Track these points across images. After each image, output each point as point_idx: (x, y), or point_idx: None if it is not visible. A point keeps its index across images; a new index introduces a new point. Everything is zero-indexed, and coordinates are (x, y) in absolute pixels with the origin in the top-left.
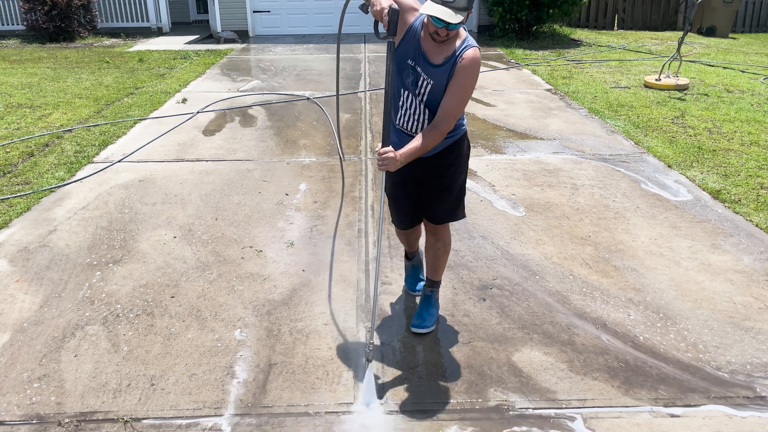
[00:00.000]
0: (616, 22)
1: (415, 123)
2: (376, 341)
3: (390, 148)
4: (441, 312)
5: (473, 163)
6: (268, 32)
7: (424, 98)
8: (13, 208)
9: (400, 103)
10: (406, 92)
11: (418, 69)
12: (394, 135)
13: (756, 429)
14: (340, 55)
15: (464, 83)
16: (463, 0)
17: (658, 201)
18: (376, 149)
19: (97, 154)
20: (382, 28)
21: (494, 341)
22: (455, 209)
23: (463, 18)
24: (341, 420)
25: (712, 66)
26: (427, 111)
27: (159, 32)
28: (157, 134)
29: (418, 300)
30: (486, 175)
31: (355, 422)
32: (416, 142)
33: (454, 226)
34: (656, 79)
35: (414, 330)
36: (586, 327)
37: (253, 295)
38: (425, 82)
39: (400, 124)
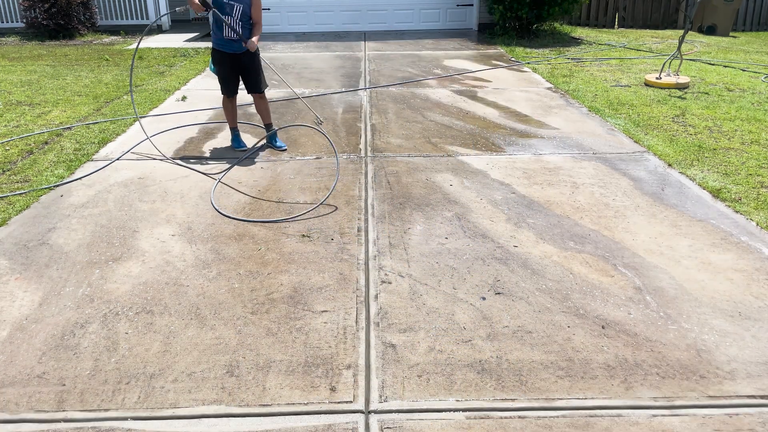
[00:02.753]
0: (616, 20)
1: (237, 33)
2: (377, 340)
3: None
4: (442, 312)
5: (475, 161)
6: (267, 30)
7: (238, 16)
8: (12, 206)
9: (224, 25)
10: (228, 17)
11: (234, 3)
12: (226, 43)
13: (756, 428)
14: (341, 52)
15: (258, 3)
16: None
17: (658, 200)
18: (246, 41)
19: (97, 151)
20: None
21: (494, 339)
22: (262, 82)
23: None
24: (341, 418)
25: (713, 64)
26: (240, 24)
27: (159, 30)
28: (157, 131)
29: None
30: (486, 173)
31: (354, 421)
32: (254, 38)
33: (453, 224)
34: (657, 78)
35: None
36: (586, 325)
37: (253, 293)
38: (238, 7)
39: (228, 35)
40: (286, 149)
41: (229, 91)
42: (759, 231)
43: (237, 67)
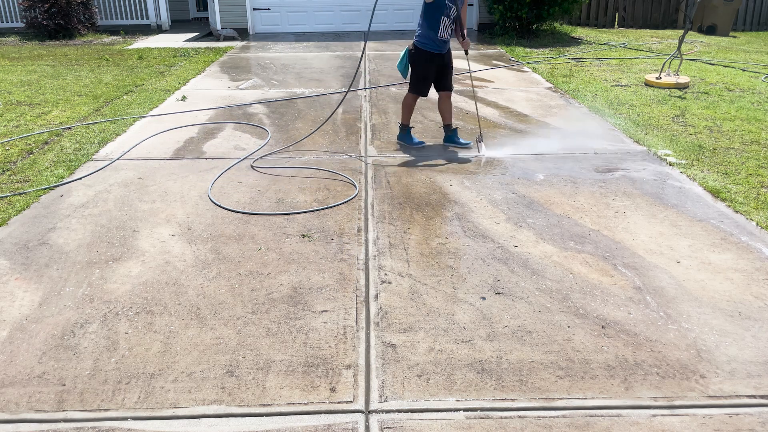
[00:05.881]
0: (616, 20)
1: (449, 33)
2: (378, 340)
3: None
4: (442, 312)
5: (475, 160)
6: (267, 30)
7: (452, 18)
8: (12, 206)
9: (441, 26)
10: (444, 18)
11: (452, 5)
12: (438, 43)
13: (756, 429)
14: (341, 52)
15: (466, 6)
16: None
17: (658, 200)
18: (465, 41)
19: (97, 151)
20: None
21: (494, 339)
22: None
23: None
24: (341, 418)
25: (713, 64)
26: (454, 24)
27: (159, 30)
28: (157, 132)
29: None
30: (486, 172)
31: (354, 420)
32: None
33: (453, 224)
34: (657, 78)
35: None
36: (586, 325)
37: (253, 293)
38: (454, 10)
39: (442, 36)
40: (470, 144)
41: (425, 91)
42: (759, 231)
43: (440, 67)
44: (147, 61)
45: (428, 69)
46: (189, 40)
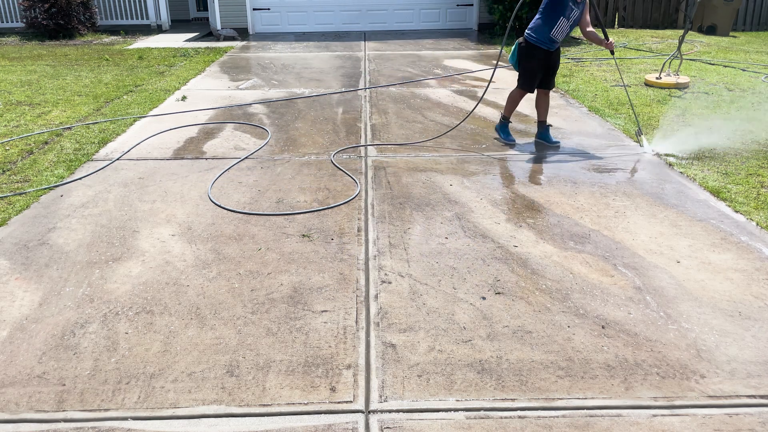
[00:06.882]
0: (616, 20)
1: (563, 35)
2: (377, 340)
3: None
4: (442, 312)
5: (475, 160)
6: (267, 30)
7: (572, 21)
8: (12, 206)
9: (557, 25)
10: (563, 19)
11: (574, 7)
12: (548, 41)
13: (756, 429)
14: (341, 52)
15: (587, 11)
16: None
17: (658, 200)
18: (610, 41)
19: (97, 151)
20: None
21: (494, 339)
22: None
23: None
24: (341, 418)
25: (713, 64)
26: (570, 29)
27: (159, 30)
28: (157, 132)
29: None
30: (486, 172)
31: (354, 420)
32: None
33: (453, 224)
34: (657, 78)
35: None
36: (586, 325)
37: (253, 293)
38: (576, 12)
39: (554, 35)
40: (559, 144)
41: (532, 86)
42: (759, 231)
43: (547, 64)
44: (147, 61)
45: (537, 64)
46: (189, 40)
